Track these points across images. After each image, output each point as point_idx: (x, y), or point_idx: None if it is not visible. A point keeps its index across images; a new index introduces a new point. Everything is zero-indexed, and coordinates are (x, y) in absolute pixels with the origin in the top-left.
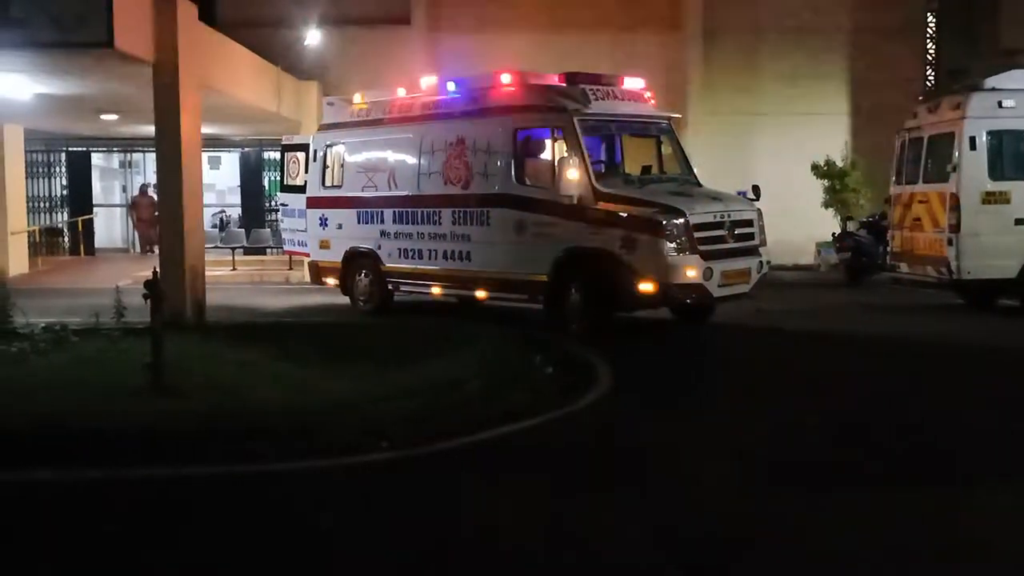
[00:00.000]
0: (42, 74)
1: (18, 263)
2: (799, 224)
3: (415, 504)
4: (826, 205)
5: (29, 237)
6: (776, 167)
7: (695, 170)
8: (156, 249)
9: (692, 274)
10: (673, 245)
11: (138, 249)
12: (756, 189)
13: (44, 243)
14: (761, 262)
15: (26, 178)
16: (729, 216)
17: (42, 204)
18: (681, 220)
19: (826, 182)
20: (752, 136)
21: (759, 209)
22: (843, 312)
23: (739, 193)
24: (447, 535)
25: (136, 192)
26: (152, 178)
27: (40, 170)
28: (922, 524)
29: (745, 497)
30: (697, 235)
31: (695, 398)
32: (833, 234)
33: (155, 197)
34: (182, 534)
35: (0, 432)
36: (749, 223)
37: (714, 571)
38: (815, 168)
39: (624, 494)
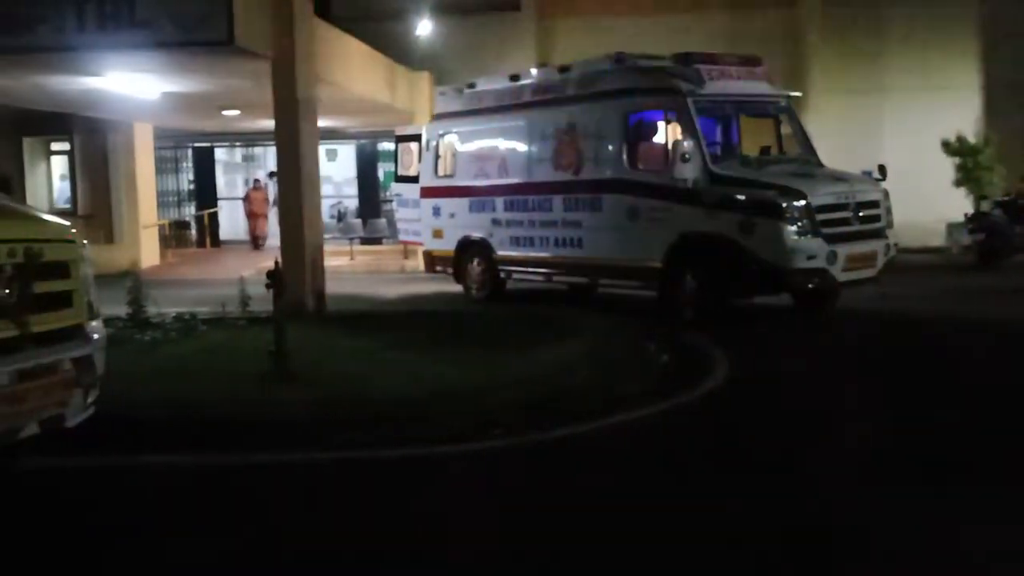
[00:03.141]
0: (168, 73)
1: (150, 255)
2: (929, 205)
3: (526, 491)
4: (957, 184)
5: (159, 230)
6: (904, 145)
7: (817, 150)
8: (263, 244)
9: (815, 258)
10: (794, 228)
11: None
12: (882, 169)
13: (173, 236)
14: (888, 245)
15: (156, 174)
16: (854, 197)
17: (170, 198)
18: (802, 202)
19: (957, 160)
20: (877, 113)
21: (885, 189)
22: (975, 297)
23: (864, 173)
24: (558, 523)
25: (250, 186)
26: (260, 173)
27: (168, 166)
28: None
29: (863, 492)
30: (820, 217)
31: (815, 389)
32: (965, 215)
33: (267, 191)
34: (307, 515)
35: (141, 418)
36: (875, 204)
37: (831, 565)
38: (946, 145)
39: (739, 484)
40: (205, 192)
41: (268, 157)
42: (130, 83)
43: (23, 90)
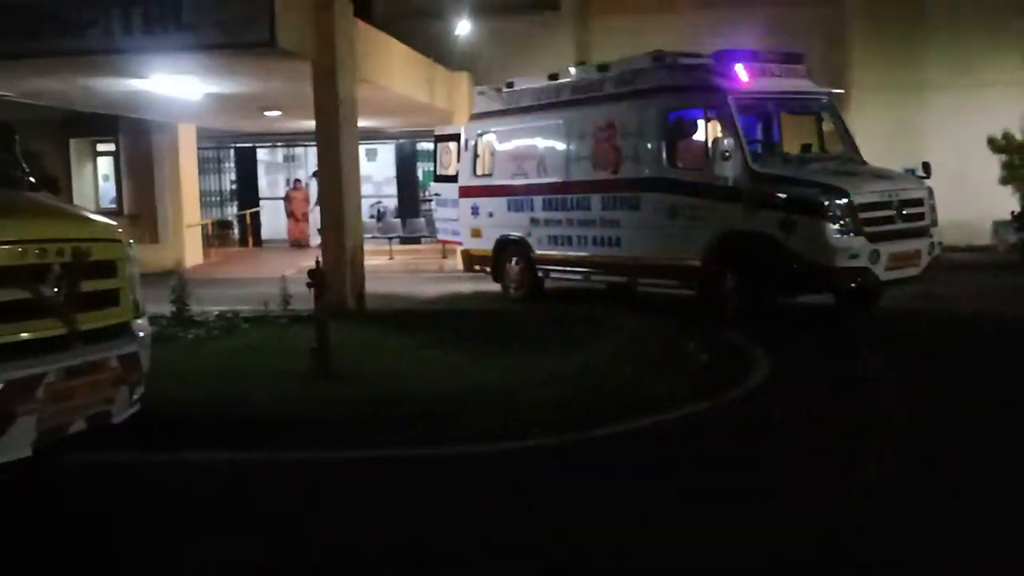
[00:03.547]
0: (211, 75)
1: (193, 254)
2: (974, 202)
3: (563, 490)
4: (1004, 182)
5: (202, 229)
6: (948, 142)
7: (859, 148)
8: (304, 245)
9: (857, 257)
10: (836, 227)
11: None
12: (926, 166)
13: (216, 235)
14: (932, 243)
15: (199, 174)
16: (897, 195)
17: (213, 198)
18: (844, 200)
19: (1004, 157)
20: (921, 110)
21: (929, 187)
22: (1022, 295)
23: (907, 171)
24: (594, 524)
25: (290, 186)
26: (301, 173)
27: (211, 166)
28: None
29: (899, 492)
30: (862, 216)
31: (857, 388)
32: (1012, 212)
33: (307, 191)
34: (341, 514)
35: (184, 415)
36: (919, 202)
37: (868, 566)
38: (991, 142)
39: (781, 484)
40: (247, 192)
41: (309, 157)
42: (174, 85)
43: (72, 92)
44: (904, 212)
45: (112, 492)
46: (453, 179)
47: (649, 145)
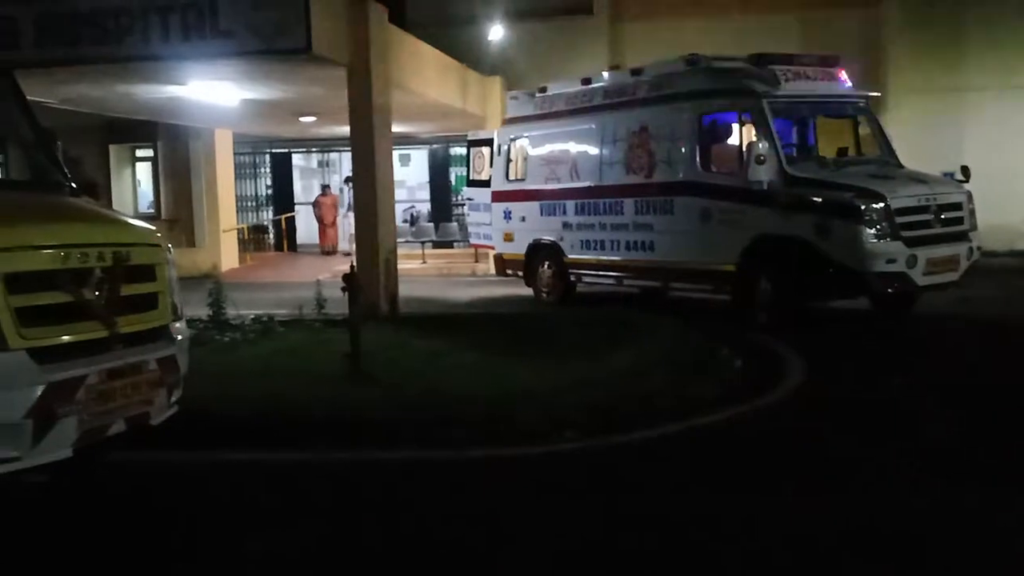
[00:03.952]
0: (247, 81)
1: (229, 258)
2: (1015, 207)
3: (594, 493)
4: None
5: (238, 234)
6: (987, 146)
7: (896, 151)
8: (332, 252)
9: (894, 262)
10: (873, 231)
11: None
12: (965, 170)
13: (251, 239)
14: (971, 248)
15: (235, 179)
16: (935, 199)
17: (249, 203)
18: (881, 204)
19: None
20: (960, 113)
21: (968, 191)
22: None
23: (946, 175)
24: (621, 526)
25: (319, 192)
26: (336, 178)
27: (247, 171)
28: None
29: (940, 500)
30: (899, 220)
31: (894, 394)
32: None
33: (336, 197)
34: (372, 514)
35: (220, 416)
36: (957, 206)
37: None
38: None
39: (819, 488)
40: (282, 197)
41: (343, 162)
42: (211, 91)
43: (110, 99)
44: (942, 216)
45: (158, 491)
46: (486, 184)
47: (683, 149)
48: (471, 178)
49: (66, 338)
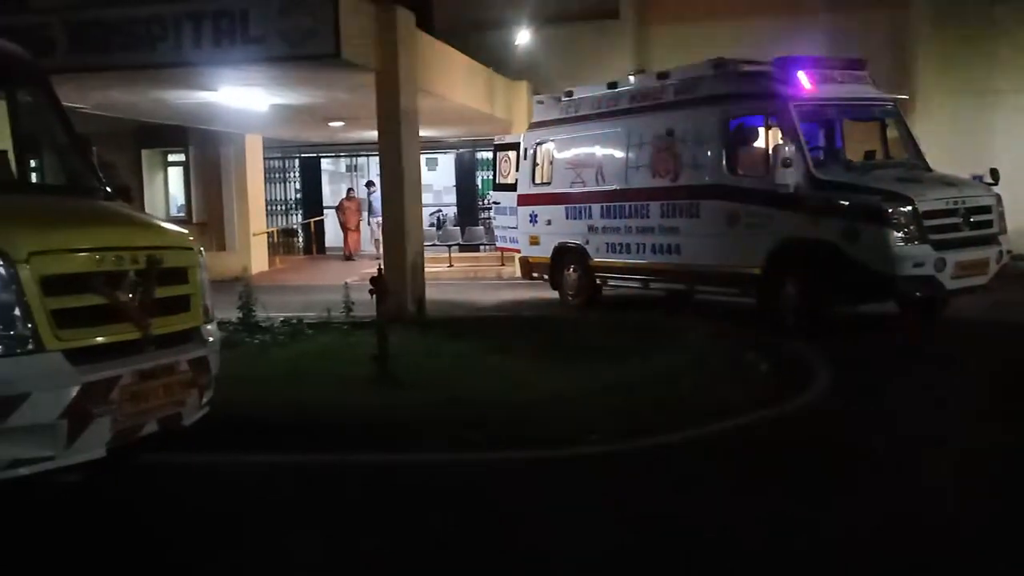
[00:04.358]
0: (277, 86)
1: (259, 261)
2: None
3: (617, 498)
4: None
5: (268, 238)
6: (1018, 148)
7: (924, 154)
8: (353, 258)
9: (922, 266)
10: (900, 234)
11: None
12: (994, 172)
13: (281, 243)
14: (1001, 251)
15: (265, 183)
16: (963, 202)
17: (278, 207)
18: (909, 207)
19: None
20: (989, 115)
21: (998, 194)
22: None
23: (975, 178)
24: (648, 530)
25: (343, 196)
26: (361, 182)
27: (276, 175)
28: None
29: (964, 506)
30: (927, 223)
31: (922, 399)
32: None
33: (359, 201)
34: (400, 516)
35: (251, 418)
36: (987, 209)
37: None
38: None
39: (847, 491)
40: (311, 201)
41: (372, 166)
42: (242, 96)
43: (142, 104)
44: (971, 220)
45: (190, 493)
46: (512, 187)
47: (709, 152)
48: (497, 182)
49: (100, 339)
